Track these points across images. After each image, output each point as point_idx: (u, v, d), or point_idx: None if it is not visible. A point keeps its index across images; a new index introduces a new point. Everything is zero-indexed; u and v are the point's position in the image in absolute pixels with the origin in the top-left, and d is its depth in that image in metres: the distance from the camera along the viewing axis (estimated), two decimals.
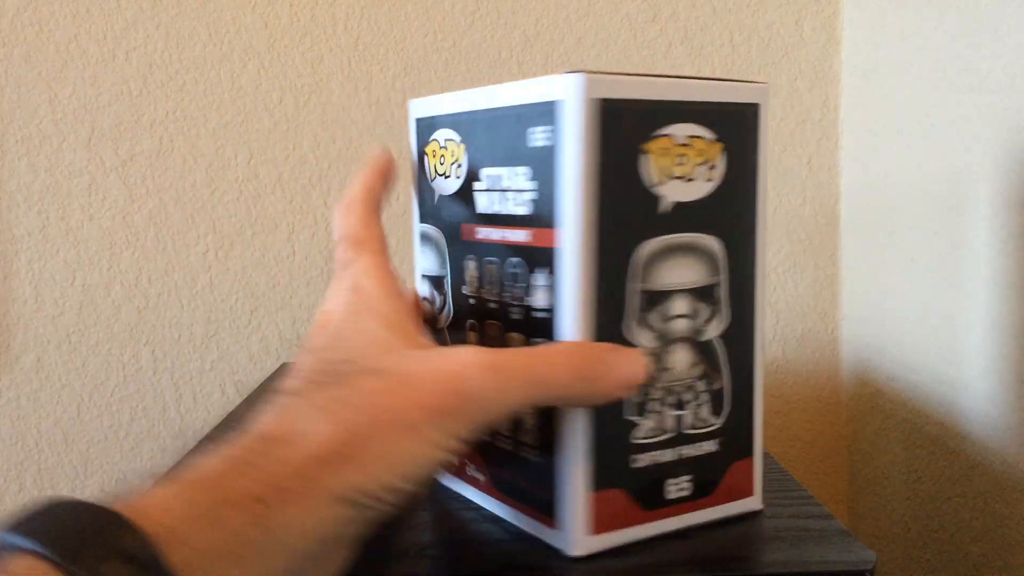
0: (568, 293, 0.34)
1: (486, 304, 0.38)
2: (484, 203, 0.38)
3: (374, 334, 0.32)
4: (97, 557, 0.23)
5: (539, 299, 0.35)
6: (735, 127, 0.36)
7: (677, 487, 0.37)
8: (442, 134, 0.40)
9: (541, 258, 0.35)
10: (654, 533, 0.36)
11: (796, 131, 0.78)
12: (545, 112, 0.34)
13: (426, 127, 0.42)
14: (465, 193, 0.39)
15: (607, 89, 0.33)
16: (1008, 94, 0.53)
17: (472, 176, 0.38)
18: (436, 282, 0.42)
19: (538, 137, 0.34)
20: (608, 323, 0.34)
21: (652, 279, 0.35)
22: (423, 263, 0.43)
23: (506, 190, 0.36)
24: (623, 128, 0.34)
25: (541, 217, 0.34)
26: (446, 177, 0.40)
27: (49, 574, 0.23)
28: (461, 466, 0.42)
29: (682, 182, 0.35)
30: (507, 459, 0.38)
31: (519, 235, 0.36)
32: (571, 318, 0.34)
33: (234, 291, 0.78)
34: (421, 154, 0.42)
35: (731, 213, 0.37)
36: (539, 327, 0.35)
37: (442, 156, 0.40)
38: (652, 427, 0.36)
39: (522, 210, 0.35)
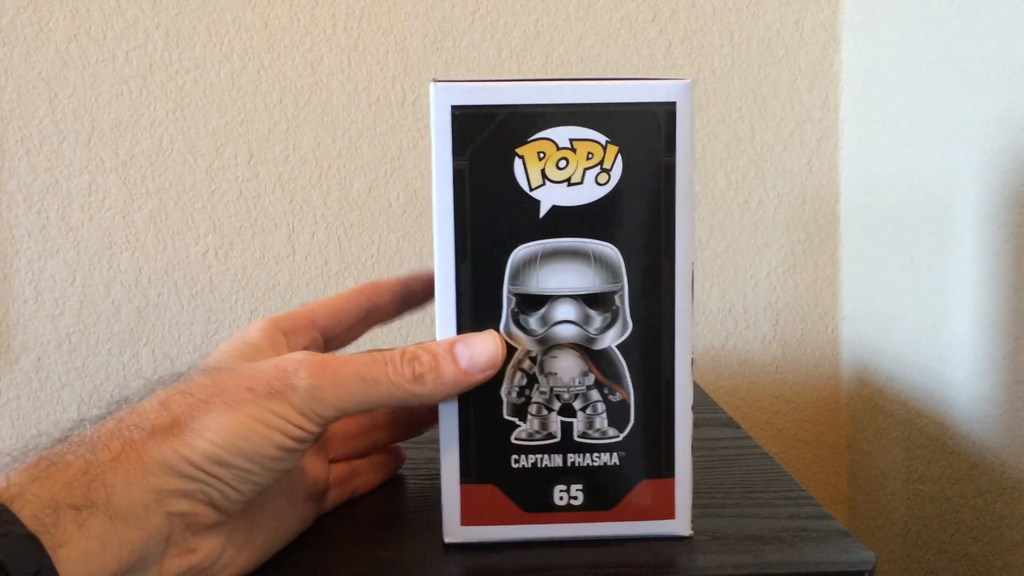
0: (440, 295, 0.35)
1: None
2: None
3: (229, 349, 0.36)
4: None
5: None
6: (634, 130, 0.35)
7: (567, 494, 0.37)
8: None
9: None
10: (539, 536, 0.37)
11: (796, 131, 0.78)
12: None
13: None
14: None
15: (462, 97, 0.34)
16: (1008, 94, 0.53)
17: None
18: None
19: None
20: (485, 325, 0.35)
21: (529, 283, 0.35)
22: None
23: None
24: (495, 133, 0.34)
25: None
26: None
27: None
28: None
29: (565, 186, 0.35)
30: None
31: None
32: (444, 318, 0.35)
33: (234, 291, 0.78)
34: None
35: (630, 219, 0.35)
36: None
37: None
38: (533, 430, 0.36)
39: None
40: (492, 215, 0.35)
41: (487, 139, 0.35)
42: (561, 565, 0.35)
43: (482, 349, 0.34)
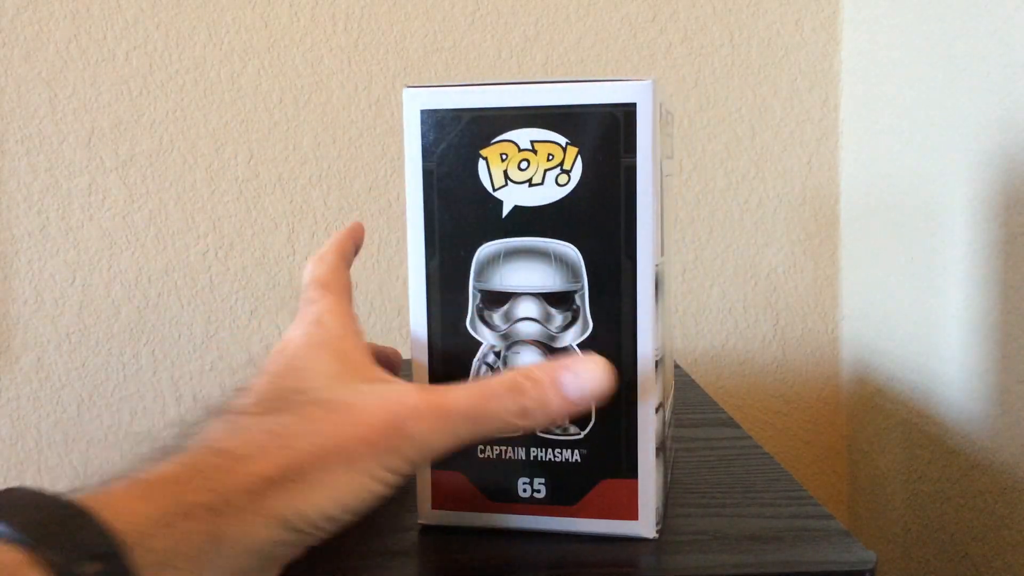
0: (412, 288, 0.37)
1: None
2: None
3: (328, 366, 0.34)
4: (68, 553, 0.24)
5: None
6: (594, 131, 0.35)
7: (530, 487, 0.37)
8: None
9: None
10: (504, 525, 0.38)
11: (796, 131, 0.78)
12: None
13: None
14: None
15: (429, 100, 0.36)
16: (1007, 94, 0.53)
17: None
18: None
19: None
20: (452, 320, 0.36)
21: (492, 280, 0.36)
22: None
23: None
24: (461, 135, 0.36)
25: None
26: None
27: (23, 561, 0.24)
28: None
29: (526, 187, 0.35)
30: None
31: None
32: (416, 311, 0.37)
33: (234, 291, 0.78)
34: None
35: (590, 220, 0.35)
36: None
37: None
38: None
39: None
40: (458, 214, 0.36)
41: (453, 141, 0.36)
42: (539, 563, 0.35)
43: (590, 377, 0.33)
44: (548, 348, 0.36)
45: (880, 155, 0.71)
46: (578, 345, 0.36)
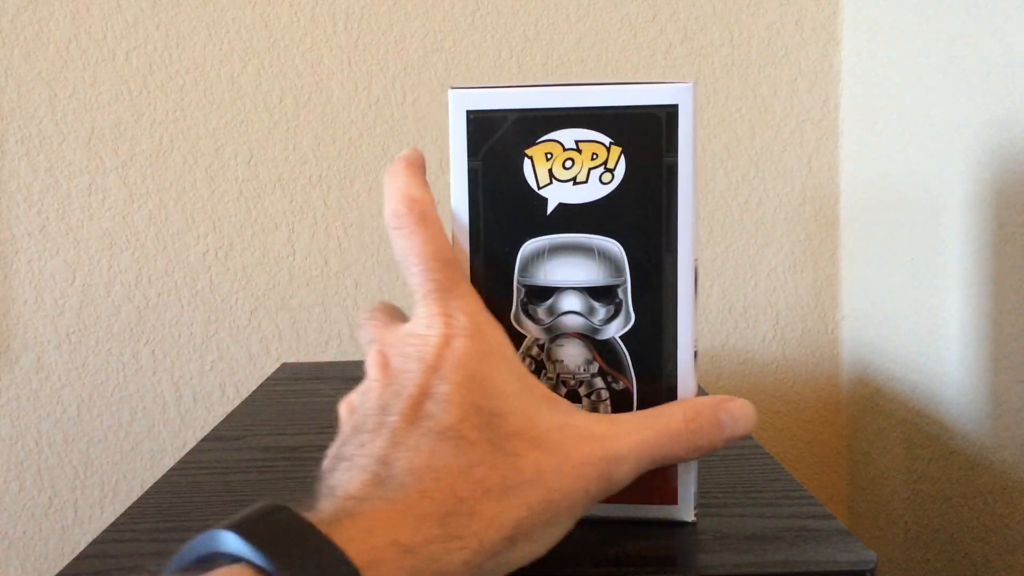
0: None
1: None
2: None
3: (512, 386, 0.32)
4: None
5: None
6: (637, 131, 0.36)
7: None
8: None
9: None
10: None
11: (796, 131, 0.78)
12: None
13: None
14: None
15: (476, 101, 0.37)
16: (1007, 94, 0.53)
17: None
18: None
19: None
20: (497, 314, 0.36)
21: (537, 275, 0.37)
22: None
23: None
24: (506, 135, 0.37)
25: None
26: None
27: None
28: None
29: (571, 185, 0.36)
30: None
31: None
32: None
33: (234, 291, 0.78)
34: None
35: (633, 216, 0.37)
36: None
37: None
38: None
39: None
40: (503, 211, 0.37)
41: (499, 141, 0.37)
42: (560, 558, 0.35)
43: (744, 421, 0.35)
44: (592, 341, 0.37)
45: (880, 155, 0.71)
46: (620, 337, 0.37)
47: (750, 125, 0.78)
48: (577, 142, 0.36)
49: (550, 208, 0.37)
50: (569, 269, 0.37)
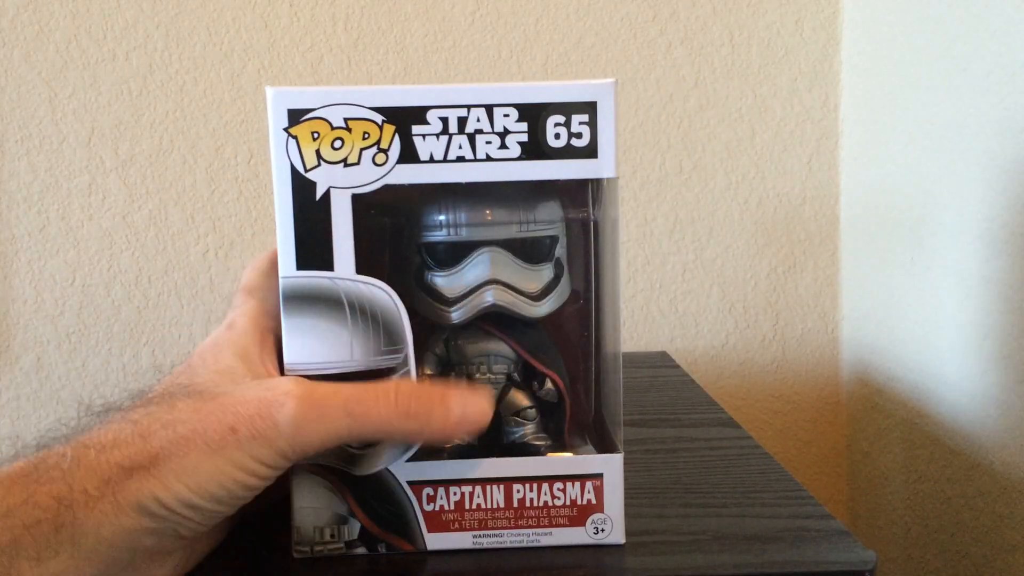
0: None
1: None
2: None
3: (225, 364, 0.34)
4: None
5: None
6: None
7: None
8: None
9: None
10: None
11: (796, 131, 0.78)
12: None
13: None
14: None
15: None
16: (1008, 94, 0.53)
17: None
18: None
19: None
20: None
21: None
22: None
23: None
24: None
25: None
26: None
27: None
28: None
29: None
30: None
31: None
32: None
33: (234, 291, 0.78)
34: None
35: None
36: None
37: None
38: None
39: None
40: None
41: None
42: (546, 567, 0.35)
43: (475, 409, 0.34)
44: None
45: (880, 155, 0.71)
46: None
47: (750, 125, 0.78)
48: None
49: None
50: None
